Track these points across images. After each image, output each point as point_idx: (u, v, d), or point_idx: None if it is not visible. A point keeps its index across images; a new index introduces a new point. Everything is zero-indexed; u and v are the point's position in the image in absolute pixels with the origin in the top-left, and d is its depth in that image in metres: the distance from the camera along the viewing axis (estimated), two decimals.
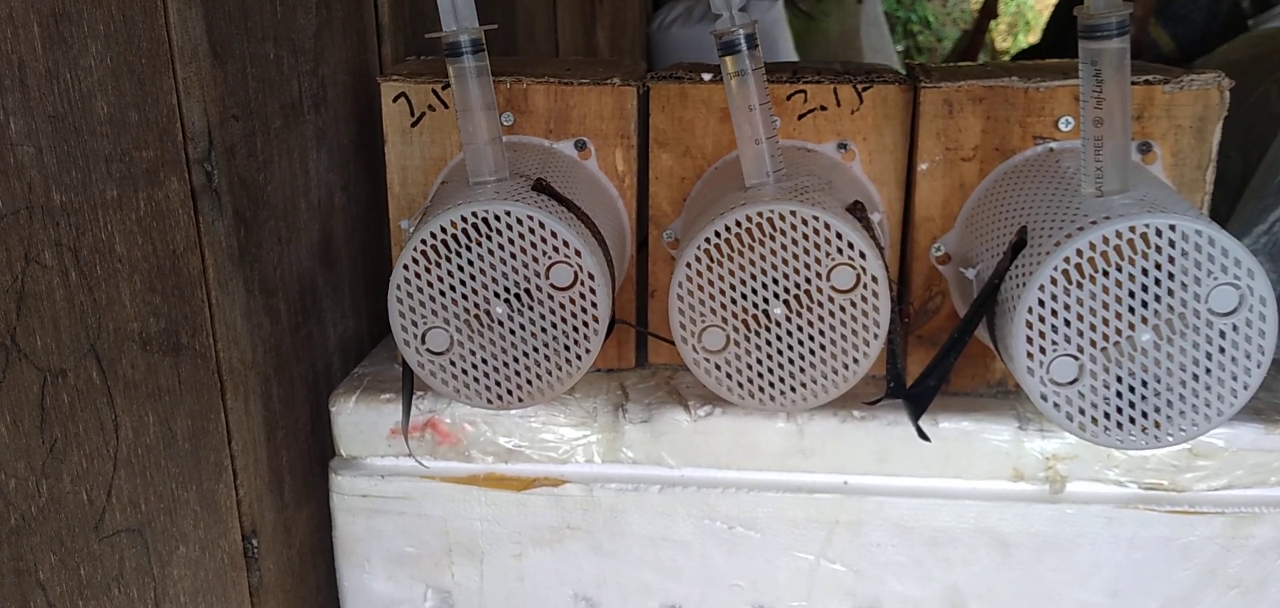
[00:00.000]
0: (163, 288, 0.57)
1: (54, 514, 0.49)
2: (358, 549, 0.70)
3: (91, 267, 0.51)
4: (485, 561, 0.69)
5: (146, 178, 0.55)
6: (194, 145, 0.58)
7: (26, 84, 0.46)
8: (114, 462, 0.53)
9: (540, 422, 0.67)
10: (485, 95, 0.59)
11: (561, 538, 0.68)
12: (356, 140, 0.80)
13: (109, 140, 0.51)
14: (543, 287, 0.58)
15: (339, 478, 0.69)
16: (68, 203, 0.49)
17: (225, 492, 0.64)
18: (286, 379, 0.71)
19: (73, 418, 0.50)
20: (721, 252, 0.57)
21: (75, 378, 0.50)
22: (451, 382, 0.60)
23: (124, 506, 0.54)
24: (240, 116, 0.63)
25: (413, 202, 0.69)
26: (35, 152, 0.47)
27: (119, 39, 0.52)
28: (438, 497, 0.68)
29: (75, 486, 0.51)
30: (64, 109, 0.48)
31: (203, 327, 0.61)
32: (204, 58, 0.59)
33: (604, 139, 0.67)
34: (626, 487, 0.67)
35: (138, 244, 0.54)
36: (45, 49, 0.47)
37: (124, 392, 0.54)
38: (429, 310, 0.58)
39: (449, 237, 0.57)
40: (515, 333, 0.59)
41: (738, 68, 0.58)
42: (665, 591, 0.69)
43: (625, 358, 0.72)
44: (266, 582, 0.70)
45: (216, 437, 0.63)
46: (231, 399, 0.64)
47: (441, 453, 0.68)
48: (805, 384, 0.59)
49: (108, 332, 0.52)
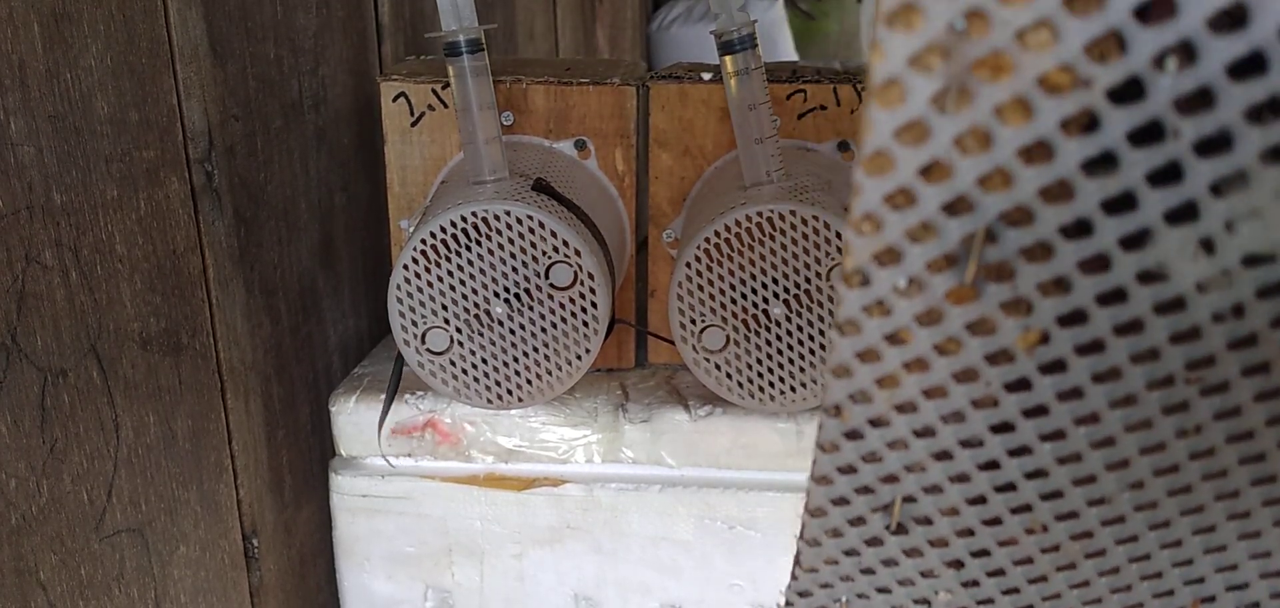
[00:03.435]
0: (163, 288, 0.57)
1: (55, 514, 0.49)
2: (358, 549, 0.70)
3: (92, 267, 0.51)
4: (485, 560, 0.69)
5: (147, 178, 0.55)
6: (194, 145, 0.58)
7: (27, 84, 0.46)
8: (114, 462, 0.54)
9: (540, 421, 0.67)
10: (485, 95, 0.59)
11: (561, 538, 0.68)
12: (356, 140, 0.80)
13: (109, 140, 0.51)
14: (542, 286, 0.58)
15: (339, 478, 0.69)
16: (68, 203, 0.49)
17: (226, 492, 0.64)
18: (287, 379, 0.71)
19: (73, 418, 0.50)
20: (721, 251, 0.57)
21: (76, 378, 0.50)
22: (451, 382, 0.60)
23: (124, 505, 0.55)
24: (240, 116, 0.63)
25: (412, 201, 0.69)
26: (35, 151, 0.47)
27: (119, 39, 0.52)
28: (438, 497, 0.68)
29: (76, 485, 0.51)
30: (64, 109, 0.48)
31: (203, 327, 0.61)
32: (204, 58, 0.59)
33: (604, 139, 0.67)
34: (626, 487, 0.67)
35: (138, 244, 0.54)
36: (45, 49, 0.47)
37: (124, 392, 0.54)
38: (429, 310, 0.58)
39: (449, 236, 0.57)
40: (515, 333, 0.59)
41: (737, 67, 0.58)
42: (665, 590, 0.69)
43: (625, 358, 0.72)
44: (267, 582, 0.70)
45: (217, 437, 0.63)
46: (232, 399, 0.64)
47: (441, 453, 0.68)
48: (805, 384, 0.59)
49: (108, 332, 0.52)
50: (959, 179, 0.26)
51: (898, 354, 0.30)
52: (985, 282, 0.28)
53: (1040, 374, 0.29)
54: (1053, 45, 0.24)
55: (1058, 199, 0.26)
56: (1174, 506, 0.33)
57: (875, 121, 0.26)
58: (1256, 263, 0.27)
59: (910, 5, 0.24)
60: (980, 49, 0.24)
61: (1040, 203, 0.26)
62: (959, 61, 0.25)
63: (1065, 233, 0.26)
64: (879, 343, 0.30)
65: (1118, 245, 0.26)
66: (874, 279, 0.28)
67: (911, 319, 0.29)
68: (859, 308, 0.29)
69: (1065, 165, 0.25)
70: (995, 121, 0.25)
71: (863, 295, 0.29)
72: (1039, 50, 0.24)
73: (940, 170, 0.26)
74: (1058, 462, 0.32)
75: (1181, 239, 0.26)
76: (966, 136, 0.26)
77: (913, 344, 0.29)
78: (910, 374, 0.30)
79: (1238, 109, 0.24)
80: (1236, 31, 0.23)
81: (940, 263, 0.28)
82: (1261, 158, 0.24)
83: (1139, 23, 0.23)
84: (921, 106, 0.25)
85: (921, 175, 0.26)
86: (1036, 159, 0.26)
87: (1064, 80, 0.24)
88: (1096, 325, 0.28)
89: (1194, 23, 0.23)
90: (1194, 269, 0.27)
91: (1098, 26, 0.23)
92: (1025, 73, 0.24)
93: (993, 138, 0.25)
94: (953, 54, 0.24)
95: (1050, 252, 0.27)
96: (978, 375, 0.30)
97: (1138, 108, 0.24)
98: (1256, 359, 0.28)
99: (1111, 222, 0.26)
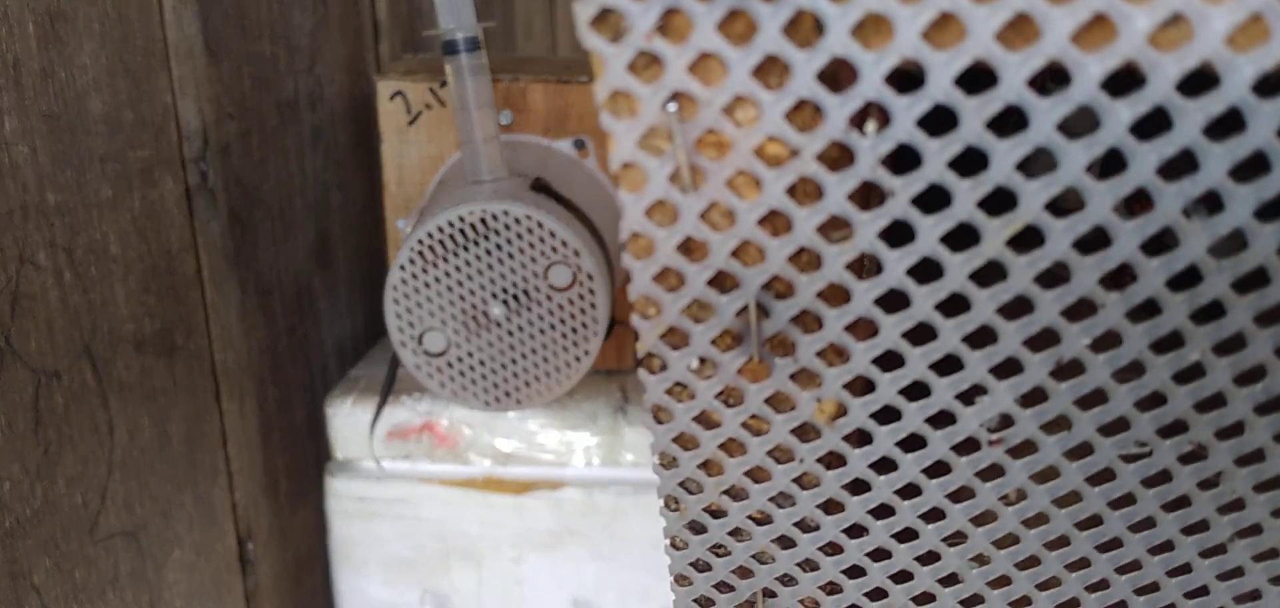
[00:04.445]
0: (157, 288, 0.56)
1: (48, 517, 0.49)
2: (354, 553, 0.69)
3: (86, 267, 0.50)
4: (483, 564, 0.69)
5: (141, 177, 0.54)
6: (189, 144, 0.58)
7: (21, 83, 0.46)
8: (109, 465, 0.53)
9: (538, 424, 0.66)
10: (483, 93, 0.58)
11: (560, 542, 0.68)
12: (353, 139, 0.80)
13: (104, 140, 0.51)
14: (541, 287, 0.57)
15: (335, 481, 0.68)
16: (62, 203, 0.48)
17: (220, 495, 0.64)
18: (282, 381, 0.70)
19: (67, 420, 0.50)
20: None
21: (69, 380, 0.50)
22: (449, 383, 0.59)
23: (119, 509, 0.54)
24: (236, 115, 0.63)
25: (409, 201, 0.68)
26: (30, 151, 0.46)
27: (114, 38, 0.51)
28: (435, 500, 0.67)
29: (70, 488, 0.50)
30: (58, 108, 0.48)
31: (198, 328, 0.60)
32: (199, 56, 0.58)
33: (603, 138, 0.67)
34: (626, 490, 0.66)
35: (132, 244, 0.54)
36: (40, 48, 0.46)
37: (118, 394, 0.53)
38: (426, 311, 0.58)
39: (446, 236, 0.56)
40: (513, 334, 0.58)
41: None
42: (664, 594, 0.68)
43: (624, 359, 0.71)
44: (262, 585, 0.69)
45: (212, 439, 0.62)
46: (226, 401, 0.63)
47: (439, 456, 0.67)
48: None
49: (102, 333, 0.52)
50: (715, 255, 0.27)
51: (712, 438, 0.30)
52: (771, 356, 0.29)
53: (849, 446, 0.30)
54: (758, 119, 0.25)
55: (809, 268, 0.27)
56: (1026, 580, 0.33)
57: (626, 204, 0.26)
58: None
59: (619, 92, 0.25)
60: (697, 129, 0.25)
61: (793, 271, 0.27)
62: (684, 142, 0.25)
63: (825, 299, 0.27)
64: (692, 427, 0.30)
65: (876, 308, 0.27)
66: (669, 362, 0.29)
67: (714, 399, 0.29)
68: (662, 392, 0.29)
69: (804, 233, 0.26)
70: (731, 195, 0.26)
71: (662, 380, 0.29)
72: (749, 126, 0.25)
73: (698, 248, 0.27)
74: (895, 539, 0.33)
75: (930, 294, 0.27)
76: (711, 212, 0.26)
77: (724, 426, 0.30)
78: (732, 458, 0.31)
79: (941, 162, 0.24)
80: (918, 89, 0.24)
81: (726, 340, 0.28)
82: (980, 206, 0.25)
83: (827, 89, 0.24)
84: (663, 187, 0.26)
85: (682, 253, 0.27)
86: (779, 229, 0.26)
87: (779, 151, 0.25)
88: (883, 393, 0.29)
89: (874, 84, 0.24)
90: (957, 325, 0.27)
91: (790, 98, 0.24)
92: (742, 147, 0.25)
93: (735, 212, 0.26)
94: (675, 135, 0.25)
95: (818, 320, 0.28)
96: (793, 454, 0.30)
97: (851, 171, 0.25)
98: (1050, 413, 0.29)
99: (862, 286, 0.27)
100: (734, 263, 0.27)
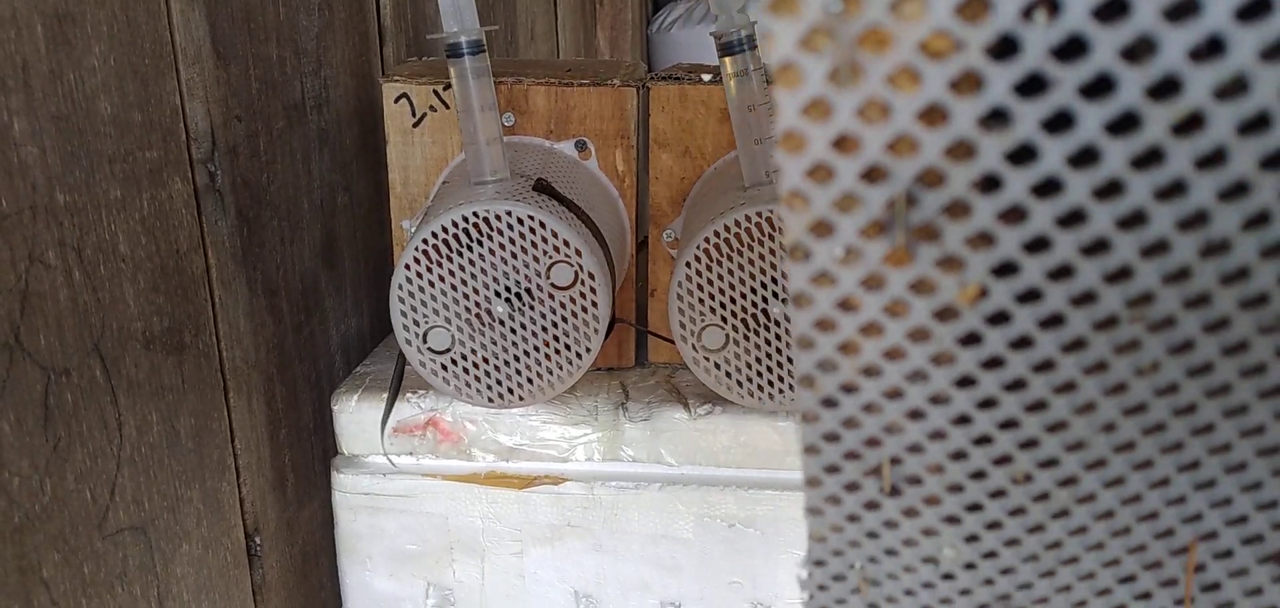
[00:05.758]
0: (166, 287, 0.57)
1: (57, 513, 0.50)
2: (360, 547, 0.70)
3: (95, 266, 0.51)
4: (486, 558, 0.70)
5: (150, 178, 0.55)
6: (197, 146, 0.59)
7: (30, 85, 0.46)
8: (117, 460, 0.54)
9: (541, 420, 0.67)
10: (486, 96, 0.59)
11: (562, 536, 0.68)
12: (358, 141, 0.80)
13: (113, 141, 0.52)
14: (543, 286, 0.58)
15: (341, 476, 0.69)
16: (71, 203, 0.49)
17: (228, 490, 0.65)
18: (289, 378, 0.71)
19: (76, 417, 0.51)
20: (721, 252, 0.57)
21: (79, 377, 0.51)
22: (453, 381, 0.60)
23: (127, 504, 0.55)
24: (243, 117, 0.64)
25: (414, 201, 0.69)
26: (39, 152, 0.47)
27: (122, 40, 0.52)
28: (439, 495, 0.68)
29: (79, 484, 0.51)
30: (68, 110, 0.49)
31: (206, 326, 0.61)
32: (207, 59, 0.59)
33: (604, 139, 0.67)
34: (627, 485, 0.67)
35: (141, 244, 0.54)
36: (49, 50, 0.47)
37: (127, 391, 0.54)
38: (430, 310, 0.59)
39: (450, 236, 0.57)
40: (516, 332, 0.59)
41: (737, 69, 0.58)
42: (665, 588, 0.69)
43: (625, 357, 0.72)
44: (269, 580, 0.70)
45: (220, 435, 0.63)
46: (234, 398, 0.64)
47: (443, 451, 0.68)
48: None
49: (111, 331, 0.53)
50: (868, 149, 0.27)
51: (851, 321, 0.31)
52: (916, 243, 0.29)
53: (988, 327, 0.30)
54: (924, 13, 0.25)
55: (962, 158, 0.27)
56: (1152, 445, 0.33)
57: (781, 103, 0.27)
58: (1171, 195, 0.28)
59: None
60: (859, 26, 0.26)
61: (947, 163, 0.27)
62: (844, 39, 0.26)
63: (977, 188, 0.28)
64: (832, 312, 0.31)
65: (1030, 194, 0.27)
66: (813, 252, 0.29)
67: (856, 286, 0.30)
68: (806, 280, 0.30)
69: (961, 125, 0.26)
70: (889, 91, 0.26)
71: (806, 268, 0.30)
72: (913, 20, 0.25)
73: (849, 143, 0.27)
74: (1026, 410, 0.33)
75: (1088, 182, 0.27)
76: (867, 108, 0.27)
77: (863, 310, 0.31)
78: (868, 339, 0.31)
79: (1111, 51, 0.25)
80: None
81: (871, 230, 0.29)
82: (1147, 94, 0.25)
83: None
84: (819, 85, 0.26)
85: (835, 149, 0.27)
86: (935, 122, 0.27)
87: (942, 45, 0.26)
88: (1028, 275, 0.29)
89: None
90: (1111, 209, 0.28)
91: None
92: (905, 42, 0.26)
93: (890, 107, 0.27)
94: (836, 33, 0.26)
95: (968, 209, 0.28)
96: (930, 334, 0.31)
97: (1016, 62, 0.25)
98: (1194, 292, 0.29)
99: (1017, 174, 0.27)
100: (886, 156, 0.27)
